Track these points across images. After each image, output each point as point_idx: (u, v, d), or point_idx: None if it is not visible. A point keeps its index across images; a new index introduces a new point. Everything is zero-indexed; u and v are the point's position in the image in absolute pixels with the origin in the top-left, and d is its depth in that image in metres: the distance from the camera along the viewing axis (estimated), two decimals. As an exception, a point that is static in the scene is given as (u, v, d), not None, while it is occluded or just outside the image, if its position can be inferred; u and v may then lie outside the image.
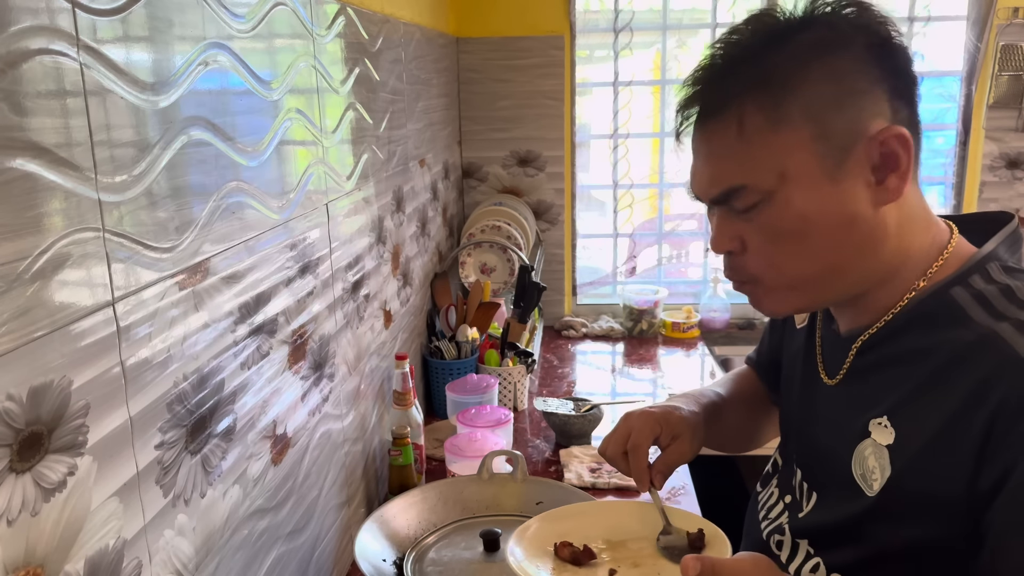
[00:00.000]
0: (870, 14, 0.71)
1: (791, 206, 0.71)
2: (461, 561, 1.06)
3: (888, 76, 0.70)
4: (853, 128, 0.69)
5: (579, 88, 2.57)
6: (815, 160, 0.70)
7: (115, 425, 0.65)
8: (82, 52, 0.61)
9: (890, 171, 0.70)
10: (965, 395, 0.65)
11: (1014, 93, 2.41)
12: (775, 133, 0.70)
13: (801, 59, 0.69)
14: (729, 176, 0.73)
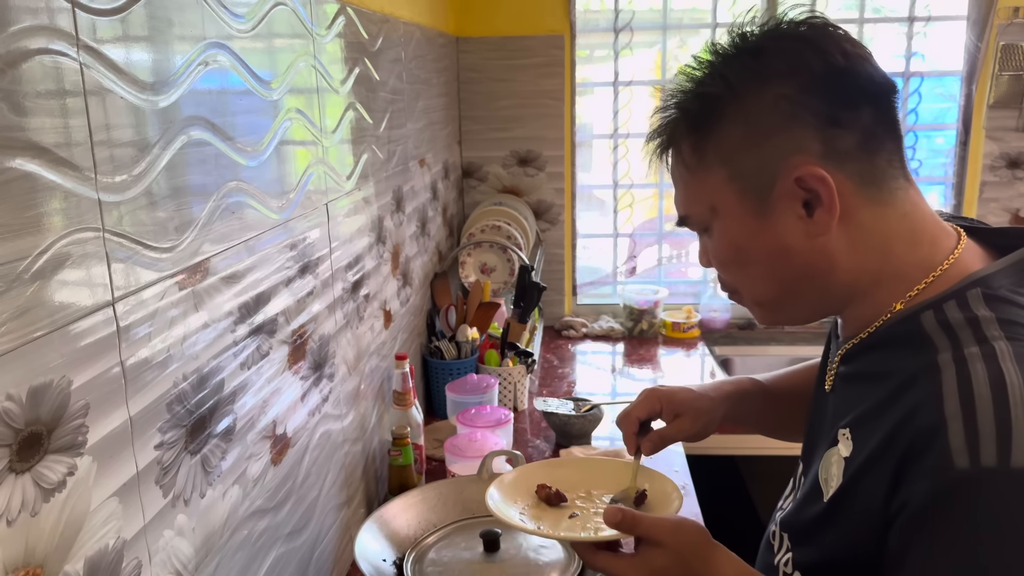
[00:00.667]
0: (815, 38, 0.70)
1: (725, 236, 0.76)
2: (461, 561, 1.06)
3: (825, 106, 0.69)
4: (766, 168, 0.71)
5: (579, 88, 2.57)
6: (736, 198, 0.73)
7: (115, 425, 0.65)
8: (82, 52, 0.61)
9: (818, 205, 0.70)
10: (897, 421, 0.66)
11: (1014, 93, 2.41)
12: (701, 172, 0.75)
13: (716, 100, 0.72)
14: (681, 205, 0.80)
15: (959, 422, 0.61)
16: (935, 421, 0.62)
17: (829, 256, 0.72)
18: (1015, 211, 2.51)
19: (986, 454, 0.59)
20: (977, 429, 0.60)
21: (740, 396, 1.01)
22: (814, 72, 0.69)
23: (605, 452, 1.69)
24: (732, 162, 0.73)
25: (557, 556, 1.06)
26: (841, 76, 0.70)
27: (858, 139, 0.70)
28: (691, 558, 0.76)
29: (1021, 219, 2.51)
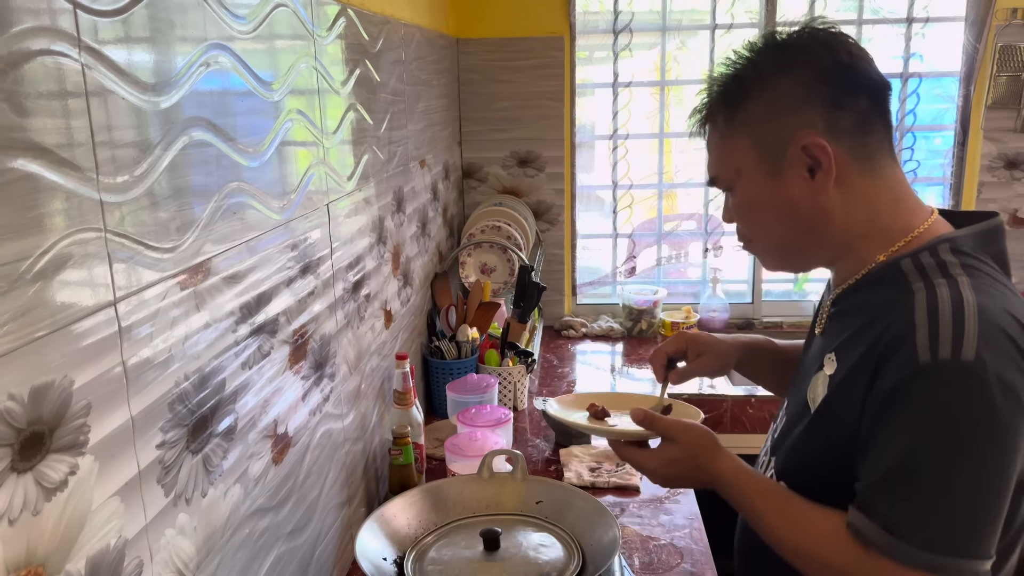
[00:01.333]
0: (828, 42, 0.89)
1: (746, 193, 0.94)
2: (461, 560, 1.06)
3: (830, 92, 0.87)
4: (781, 138, 0.89)
5: (579, 89, 2.57)
6: (755, 162, 0.92)
7: (116, 425, 0.65)
8: (83, 53, 0.61)
9: (818, 169, 0.88)
10: (877, 335, 0.83)
11: (1012, 93, 2.41)
12: (731, 139, 0.93)
13: (746, 85, 0.91)
14: (712, 168, 0.98)
15: (925, 328, 0.79)
16: (906, 328, 0.80)
17: (826, 213, 0.90)
18: (1013, 211, 2.51)
19: (943, 350, 0.77)
20: (938, 333, 0.78)
21: (754, 348, 1.20)
22: (824, 65, 0.88)
23: (605, 451, 1.69)
24: (755, 132, 0.91)
25: (557, 555, 1.07)
26: (845, 70, 0.88)
27: (855, 121, 0.88)
28: (698, 453, 0.97)
29: (1020, 219, 2.51)
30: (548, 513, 1.16)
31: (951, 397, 0.78)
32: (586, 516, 1.12)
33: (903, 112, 2.52)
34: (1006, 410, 0.76)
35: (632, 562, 1.34)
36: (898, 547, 0.78)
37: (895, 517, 0.79)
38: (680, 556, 1.36)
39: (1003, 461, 0.78)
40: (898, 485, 0.80)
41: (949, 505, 0.77)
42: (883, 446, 0.81)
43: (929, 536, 0.78)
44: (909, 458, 0.79)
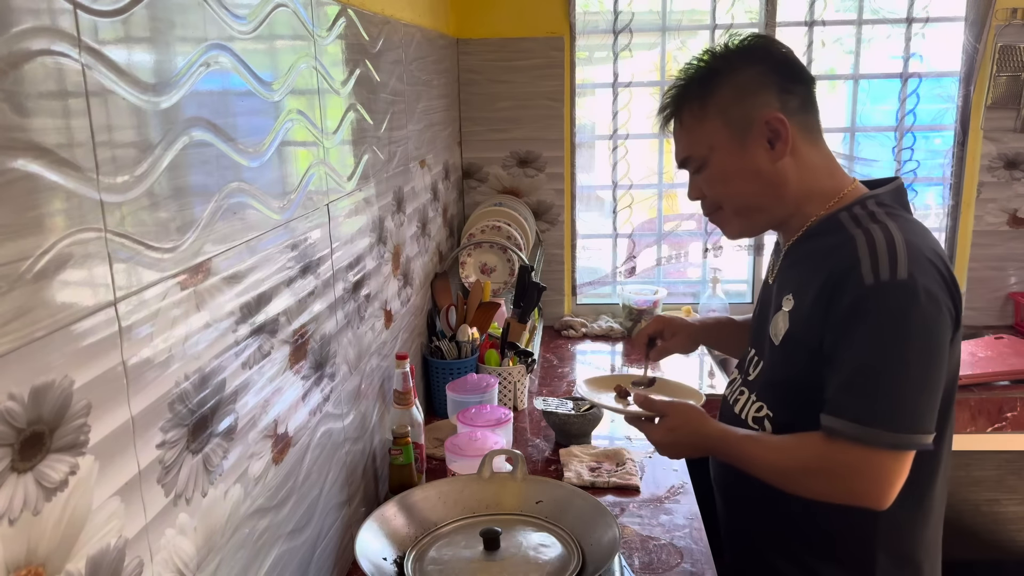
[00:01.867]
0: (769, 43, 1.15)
1: (719, 165, 1.14)
2: (461, 560, 1.06)
3: (778, 80, 1.10)
4: (747, 116, 1.10)
5: (579, 89, 2.57)
6: (726, 137, 1.12)
7: (117, 424, 0.66)
8: (84, 53, 0.61)
9: (776, 140, 1.09)
10: (825, 276, 1.04)
11: (1012, 94, 2.41)
12: (702, 124, 1.13)
13: (715, 77, 1.12)
14: (683, 150, 1.18)
15: (867, 259, 1.00)
16: (852, 261, 1.01)
17: (783, 175, 1.12)
18: (1013, 211, 2.51)
19: (883, 273, 0.99)
20: (878, 261, 1.00)
21: (718, 325, 1.48)
22: (775, 59, 1.13)
23: (605, 451, 1.69)
24: (725, 113, 1.11)
25: (557, 555, 1.07)
26: (789, 64, 1.13)
27: (800, 103, 1.11)
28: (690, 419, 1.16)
29: (1019, 219, 2.52)
30: (548, 513, 1.16)
31: (894, 307, 0.98)
32: (586, 516, 1.12)
33: (903, 112, 2.52)
34: (933, 313, 0.99)
35: (632, 562, 1.34)
36: (868, 433, 0.98)
37: (863, 410, 0.99)
38: (680, 556, 1.36)
39: (936, 354, 0.99)
40: (861, 385, 1.00)
41: (901, 394, 0.98)
42: (844, 357, 1.01)
43: (891, 420, 0.98)
44: (866, 362, 0.99)
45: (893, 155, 2.58)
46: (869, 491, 1.00)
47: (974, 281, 2.57)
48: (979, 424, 2.14)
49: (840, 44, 2.62)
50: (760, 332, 1.21)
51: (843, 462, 1.01)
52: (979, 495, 2.29)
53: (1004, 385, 2.17)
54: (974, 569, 2.34)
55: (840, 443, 1.00)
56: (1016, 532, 2.33)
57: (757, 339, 1.24)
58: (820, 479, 1.04)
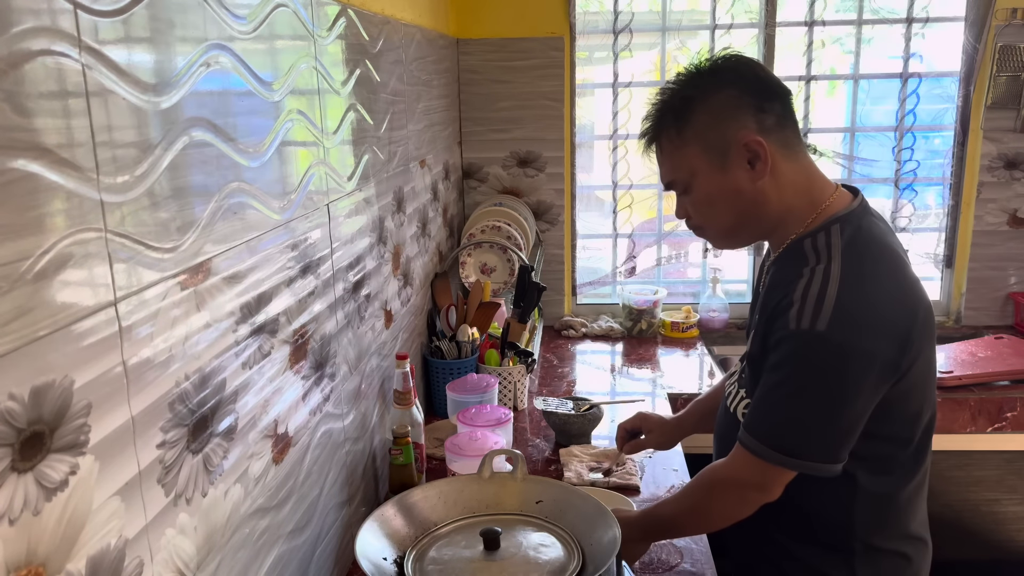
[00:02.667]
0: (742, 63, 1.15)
1: (702, 189, 1.16)
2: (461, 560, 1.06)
3: (753, 101, 1.11)
4: (725, 140, 1.12)
5: (579, 89, 2.57)
6: (706, 162, 1.14)
7: (117, 424, 0.66)
8: (84, 53, 0.61)
9: (756, 161, 1.11)
10: (770, 310, 1.11)
11: (1012, 94, 2.41)
12: (681, 150, 1.15)
13: (690, 103, 1.13)
14: (667, 175, 1.21)
15: (799, 304, 1.06)
16: (788, 303, 1.08)
17: (765, 194, 1.14)
18: (1013, 211, 2.51)
19: (804, 322, 1.05)
20: (804, 309, 1.06)
21: (694, 417, 1.51)
22: (747, 80, 1.13)
23: (605, 451, 1.69)
24: (703, 139, 1.13)
25: (557, 555, 1.07)
26: (762, 82, 1.14)
27: (775, 120, 1.12)
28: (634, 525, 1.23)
29: (1019, 219, 2.52)
30: (548, 513, 1.16)
31: (805, 353, 1.07)
32: (586, 516, 1.12)
33: (903, 112, 2.52)
34: (839, 367, 1.05)
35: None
36: (761, 448, 1.09)
37: (761, 429, 1.10)
38: (680, 556, 1.36)
39: (836, 397, 1.07)
40: (765, 409, 1.11)
41: (794, 422, 1.09)
42: (763, 383, 1.11)
43: (779, 442, 1.09)
44: (774, 392, 1.10)
45: (893, 155, 2.58)
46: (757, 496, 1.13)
47: (974, 281, 2.57)
48: (979, 424, 2.14)
49: (840, 44, 2.63)
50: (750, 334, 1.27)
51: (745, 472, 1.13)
52: (979, 495, 2.29)
53: (1004, 385, 2.17)
54: (974, 569, 2.34)
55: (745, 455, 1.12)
56: (1016, 532, 2.33)
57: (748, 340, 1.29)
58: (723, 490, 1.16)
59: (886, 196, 2.65)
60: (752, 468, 1.11)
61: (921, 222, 2.64)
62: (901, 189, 2.60)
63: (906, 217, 2.60)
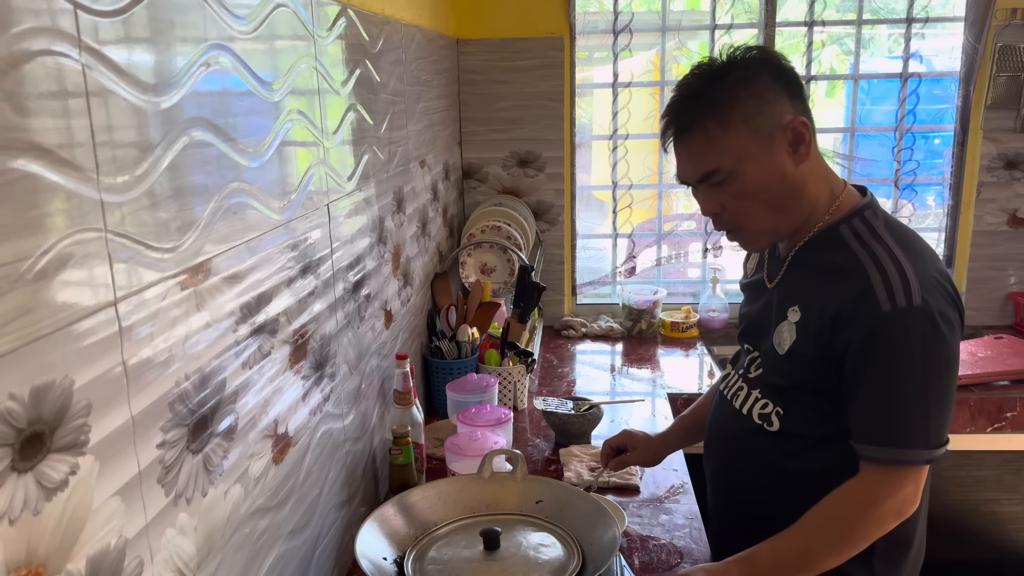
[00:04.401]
0: (769, 53, 1.16)
1: (748, 176, 1.12)
2: (461, 560, 1.06)
3: (786, 87, 1.12)
4: (771, 122, 1.11)
5: (579, 89, 2.57)
6: (754, 145, 1.11)
7: (117, 424, 0.66)
8: (84, 53, 0.61)
9: (800, 143, 1.12)
10: (830, 295, 1.09)
11: (1012, 94, 2.41)
12: (727, 135, 1.11)
13: (732, 89, 1.11)
14: (705, 164, 1.13)
15: (881, 287, 1.05)
16: (865, 288, 1.05)
17: (804, 178, 1.14)
18: (1013, 211, 2.51)
19: (900, 300, 1.03)
20: (892, 288, 1.04)
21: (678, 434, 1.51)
22: (779, 69, 1.14)
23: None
24: (751, 122, 1.11)
25: (557, 555, 1.07)
26: (788, 72, 1.15)
27: (803, 107, 1.14)
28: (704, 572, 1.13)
29: (1019, 219, 2.52)
30: (548, 513, 1.16)
31: (913, 333, 1.03)
32: (586, 516, 1.12)
33: (903, 112, 2.52)
34: (948, 335, 1.04)
35: (632, 562, 1.34)
36: (907, 453, 1.04)
37: (894, 434, 1.04)
38: (680, 556, 1.36)
39: (950, 371, 1.06)
40: (888, 411, 1.05)
41: (924, 414, 1.05)
42: (868, 385, 1.06)
43: (920, 439, 1.04)
44: (891, 388, 1.04)
45: (893, 155, 2.58)
46: (904, 507, 1.07)
47: (974, 281, 2.57)
48: (979, 424, 2.14)
49: (840, 44, 2.63)
50: (758, 332, 1.24)
51: (882, 489, 1.06)
52: (979, 495, 2.29)
53: (1004, 385, 2.17)
54: (974, 569, 2.34)
55: (877, 468, 1.06)
56: (1016, 532, 2.33)
57: (753, 338, 1.26)
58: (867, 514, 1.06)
59: (886, 196, 2.65)
60: (901, 480, 1.05)
61: (921, 222, 2.64)
62: (901, 189, 2.60)
63: (906, 217, 2.60)
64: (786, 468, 1.18)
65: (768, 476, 1.20)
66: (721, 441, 1.31)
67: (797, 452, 1.16)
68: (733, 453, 1.27)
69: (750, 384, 1.24)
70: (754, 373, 1.24)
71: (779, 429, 1.18)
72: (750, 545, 1.23)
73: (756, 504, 1.23)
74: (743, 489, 1.26)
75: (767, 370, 1.21)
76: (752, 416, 1.22)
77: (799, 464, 1.16)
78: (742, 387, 1.26)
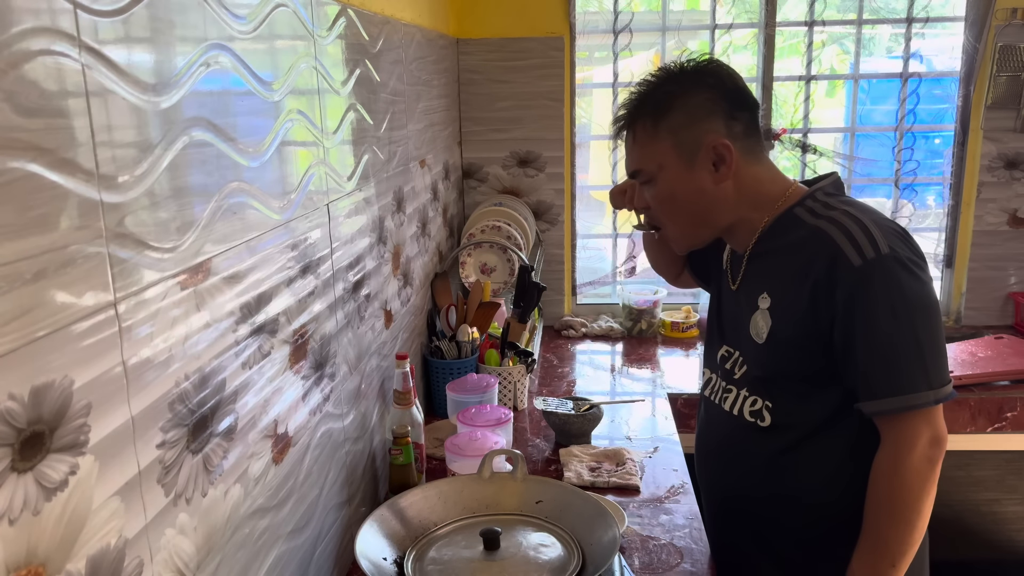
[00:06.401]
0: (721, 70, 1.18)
1: (666, 184, 1.18)
2: (461, 560, 1.06)
3: (727, 107, 1.15)
4: (696, 140, 1.16)
5: (579, 89, 2.57)
6: (675, 158, 1.17)
7: (117, 424, 0.66)
8: (84, 53, 0.61)
9: (720, 164, 1.16)
10: (799, 269, 1.12)
11: (1012, 93, 2.41)
12: (653, 142, 1.17)
13: (668, 99, 1.17)
14: (633, 163, 1.22)
15: (847, 244, 1.07)
16: (832, 250, 1.08)
17: (725, 195, 1.18)
18: (1013, 211, 2.51)
19: (868, 252, 1.06)
20: (857, 243, 1.07)
21: None
22: (726, 87, 1.17)
23: (605, 451, 1.69)
24: (676, 135, 1.16)
25: (557, 555, 1.07)
26: (738, 92, 1.18)
27: (743, 128, 1.17)
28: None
29: (1019, 219, 2.52)
30: (548, 513, 1.16)
31: (889, 279, 1.05)
32: (586, 516, 1.12)
33: (903, 112, 2.52)
34: (922, 275, 1.07)
35: (632, 562, 1.34)
36: (913, 398, 1.04)
37: (898, 379, 1.05)
38: (680, 556, 1.36)
39: (935, 312, 1.08)
40: (889, 357, 1.06)
41: (921, 354, 1.06)
42: (860, 339, 1.07)
43: (924, 379, 1.05)
44: (883, 335, 1.06)
45: (893, 155, 2.58)
46: (936, 450, 1.07)
47: (974, 281, 2.57)
48: (979, 424, 2.14)
49: (840, 44, 2.63)
50: (735, 332, 1.26)
51: (901, 439, 1.06)
52: (979, 495, 2.29)
53: (1004, 385, 2.17)
54: (974, 569, 2.34)
55: (890, 424, 1.07)
56: (1016, 532, 2.33)
57: (733, 340, 1.28)
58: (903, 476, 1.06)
59: (886, 196, 2.65)
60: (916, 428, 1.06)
61: (921, 222, 2.64)
62: (901, 189, 2.60)
63: (906, 217, 2.60)
64: (784, 464, 1.18)
65: (766, 474, 1.20)
66: (715, 443, 1.31)
67: (795, 444, 1.17)
68: (729, 455, 1.27)
69: (737, 384, 1.25)
70: (739, 373, 1.25)
71: (771, 423, 1.18)
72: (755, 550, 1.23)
73: (757, 502, 1.23)
74: (742, 493, 1.26)
75: (751, 365, 1.22)
76: (743, 414, 1.22)
77: (798, 457, 1.16)
78: (730, 388, 1.27)
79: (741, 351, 1.25)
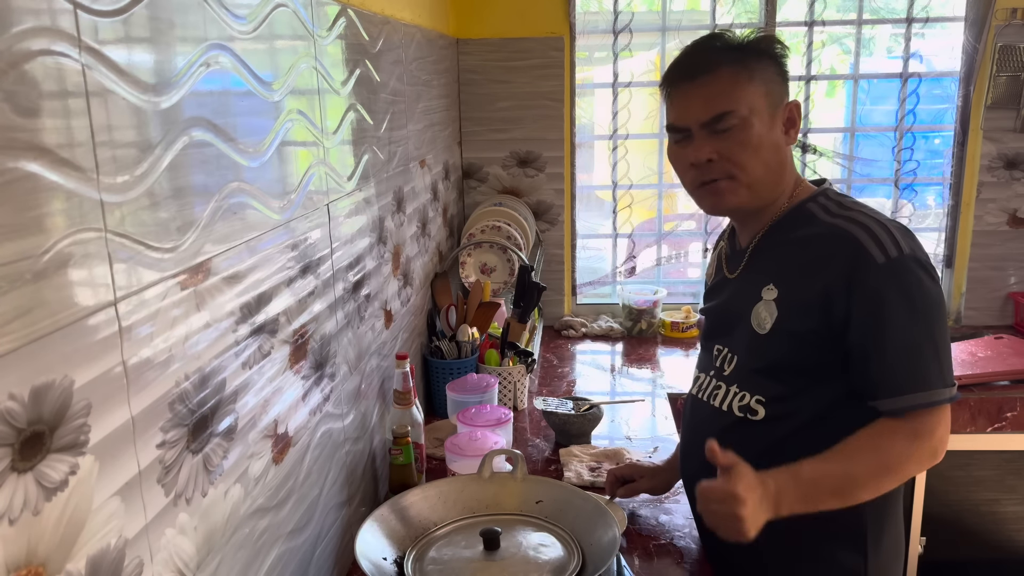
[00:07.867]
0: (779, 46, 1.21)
1: (754, 128, 1.16)
2: (461, 560, 1.06)
3: (784, 75, 1.21)
4: (779, 97, 1.19)
5: (579, 89, 2.57)
6: (766, 106, 1.17)
7: (117, 424, 0.66)
8: (84, 53, 0.61)
9: (791, 127, 1.20)
10: (812, 263, 1.13)
11: (1012, 94, 2.41)
12: (749, 84, 1.16)
13: (759, 56, 1.18)
14: (720, 106, 1.16)
15: (871, 242, 1.09)
16: (856, 248, 1.09)
17: (788, 158, 1.22)
18: (1013, 211, 2.51)
19: (891, 251, 1.08)
20: (881, 242, 1.09)
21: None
22: (784, 60, 1.21)
23: (605, 451, 1.69)
24: (767, 85, 1.17)
25: (557, 555, 1.07)
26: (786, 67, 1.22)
27: None
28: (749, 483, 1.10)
29: (1019, 219, 2.52)
30: (548, 513, 1.16)
31: (911, 278, 1.08)
32: (586, 516, 1.12)
33: (903, 112, 2.52)
34: (935, 278, 1.11)
35: (632, 562, 1.34)
36: (934, 394, 1.07)
37: (923, 376, 1.07)
38: (680, 556, 1.36)
39: (945, 315, 1.11)
40: (913, 354, 1.08)
41: (938, 354, 1.09)
42: (884, 338, 1.08)
43: (941, 376, 1.08)
44: (907, 334, 1.07)
45: (893, 155, 2.58)
46: (939, 448, 1.09)
47: (974, 281, 2.57)
48: (979, 424, 2.14)
49: (840, 44, 2.63)
50: (728, 328, 1.26)
51: (921, 430, 1.08)
52: (979, 495, 2.29)
53: (1004, 385, 2.17)
54: (974, 569, 2.34)
55: (911, 417, 1.08)
56: (1016, 532, 2.33)
57: (723, 336, 1.27)
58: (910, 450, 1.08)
59: (886, 196, 2.65)
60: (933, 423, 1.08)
61: (921, 222, 2.64)
62: (901, 189, 2.60)
63: (906, 217, 2.60)
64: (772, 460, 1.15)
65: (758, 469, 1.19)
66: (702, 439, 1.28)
67: (790, 434, 1.15)
68: None
69: (727, 381, 1.24)
70: (729, 369, 1.24)
71: (765, 415, 1.17)
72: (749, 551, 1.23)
73: None
74: None
75: (745, 357, 1.21)
76: (732, 410, 1.21)
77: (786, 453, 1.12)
78: (719, 386, 1.25)
79: (731, 346, 1.25)
